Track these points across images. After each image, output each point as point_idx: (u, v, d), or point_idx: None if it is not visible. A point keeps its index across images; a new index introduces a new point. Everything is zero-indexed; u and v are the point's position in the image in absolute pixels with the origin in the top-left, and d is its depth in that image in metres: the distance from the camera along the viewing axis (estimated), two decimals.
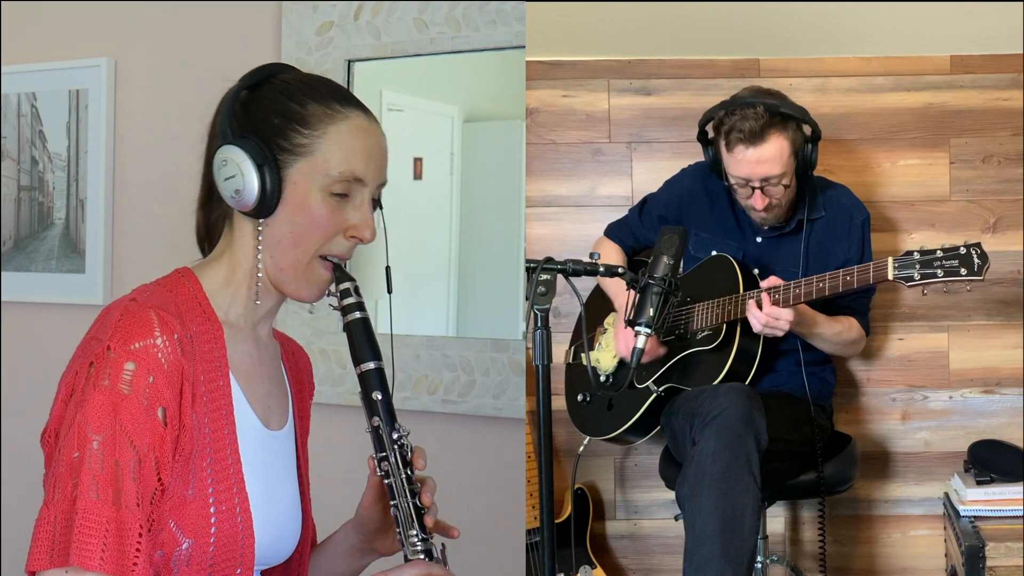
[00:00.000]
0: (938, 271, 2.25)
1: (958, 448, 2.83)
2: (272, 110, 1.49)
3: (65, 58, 3.03)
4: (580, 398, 2.70)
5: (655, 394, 2.54)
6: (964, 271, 2.23)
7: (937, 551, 2.86)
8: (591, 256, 1.98)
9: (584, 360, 2.69)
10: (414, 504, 1.53)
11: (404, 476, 1.53)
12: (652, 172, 2.92)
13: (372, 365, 1.54)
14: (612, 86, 2.99)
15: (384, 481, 1.54)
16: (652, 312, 1.95)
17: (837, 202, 2.60)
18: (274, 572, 1.65)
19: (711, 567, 2.16)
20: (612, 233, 2.81)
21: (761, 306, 2.36)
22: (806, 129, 2.47)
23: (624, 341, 2.59)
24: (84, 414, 1.36)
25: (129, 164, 2.96)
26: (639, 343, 1.97)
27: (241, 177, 1.46)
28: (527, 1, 2.49)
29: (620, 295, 2.61)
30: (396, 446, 1.53)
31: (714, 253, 2.60)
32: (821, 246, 2.57)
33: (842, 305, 2.57)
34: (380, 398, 1.53)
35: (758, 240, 2.61)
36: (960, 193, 2.91)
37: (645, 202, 2.78)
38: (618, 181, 2.99)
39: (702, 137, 2.55)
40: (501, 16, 2.49)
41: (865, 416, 2.94)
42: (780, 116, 2.42)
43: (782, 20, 2.77)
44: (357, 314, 1.54)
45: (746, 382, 2.45)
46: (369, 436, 1.55)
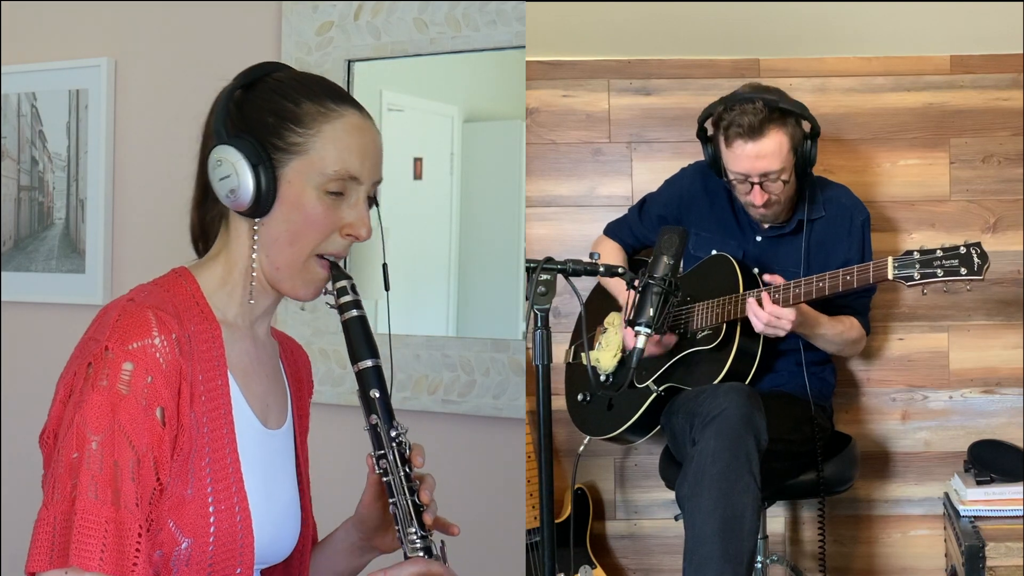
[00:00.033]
0: (938, 271, 2.25)
1: (958, 448, 2.83)
2: (266, 109, 1.49)
3: (65, 58, 3.03)
4: (580, 398, 2.70)
5: (655, 394, 2.54)
6: (964, 271, 2.23)
7: (937, 551, 2.86)
8: (591, 256, 1.98)
9: (584, 360, 2.68)
10: (413, 502, 1.53)
11: (402, 474, 1.53)
12: (652, 172, 2.92)
13: (370, 363, 1.53)
14: (612, 86, 2.99)
15: (383, 479, 1.54)
16: (652, 312, 1.95)
17: (837, 202, 2.60)
18: (275, 571, 1.64)
19: (711, 567, 2.16)
20: (612, 232, 2.81)
21: (762, 304, 2.36)
22: (805, 125, 2.47)
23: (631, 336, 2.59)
24: (83, 415, 1.36)
25: (129, 164, 2.96)
26: (639, 343, 1.97)
27: (236, 177, 1.45)
28: (527, 1, 2.49)
29: (623, 292, 2.61)
30: (394, 444, 1.53)
31: (714, 252, 2.60)
32: (821, 246, 2.56)
33: (842, 305, 2.57)
34: (378, 396, 1.53)
35: (758, 239, 2.61)
36: (960, 193, 2.91)
37: (645, 201, 2.77)
38: (618, 181, 2.99)
39: (701, 134, 2.55)
40: (501, 16, 2.49)
41: (865, 416, 2.94)
42: (779, 111, 2.42)
43: (782, 20, 2.77)
44: (354, 312, 1.53)
45: (746, 382, 2.45)
46: (368, 435, 1.55)
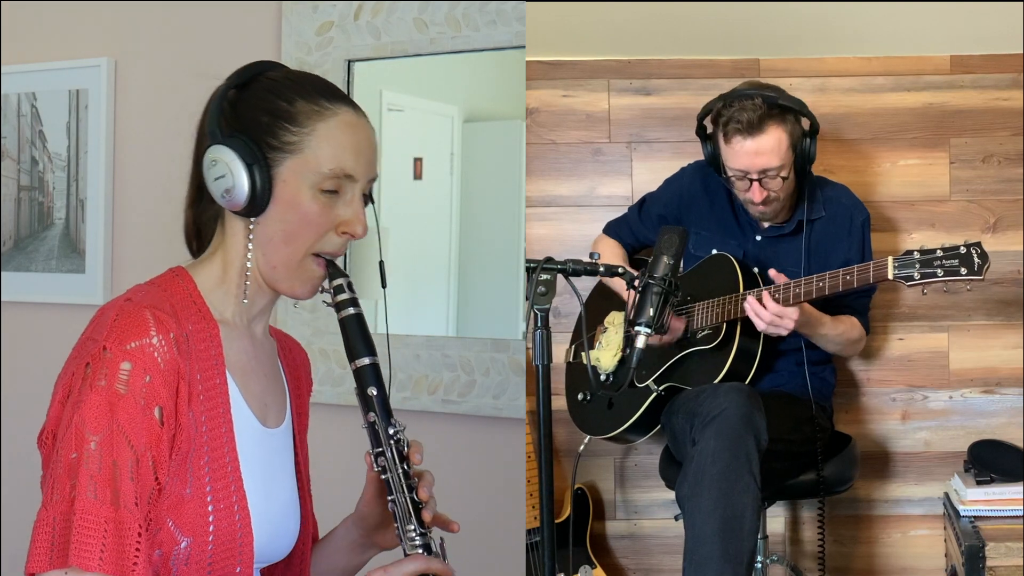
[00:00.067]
0: (938, 271, 2.24)
1: (958, 448, 2.83)
2: (260, 108, 1.48)
3: (65, 58, 3.03)
4: (580, 397, 2.70)
5: (655, 393, 2.54)
6: (964, 270, 2.23)
7: (937, 551, 2.86)
8: (591, 256, 1.98)
9: (584, 359, 2.68)
10: (411, 499, 1.53)
11: (401, 471, 1.53)
12: (652, 172, 2.92)
13: (367, 361, 1.53)
14: (612, 86, 2.99)
15: (381, 477, 1.54)
16: (652, 312, 1.95)
17: (837, 202, 2.60)
18: (276, 569, 1.64)
19: (711, 567, 2.16)
20: (611, 231, 2.81)
21: (764, 303, 2.36)
22: (804, 123, 2.47)
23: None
24: (81, 415, 1.36)
25: (129, 164, 2.96)
26: (639, 343, 1.97)
27: (231, 177, 1.45)
28: (527, 1, 2.49)
29: (624, 289, 2.61)
30: (392, 441, 1.53)
31: (714, 252, 2.60)
32: (821, 246, 2.56)
33: (843, 305, 2.56)
34: (375, 394, 1.53)
35: (758, 239, 2.61)
36: (960, 193, 2.91)
37: (644, 201, 2.77)
38: (618, 181, 2.99)
39: (700, 131, 2.55)
40: (501, 16, 2.49)
41: (865, 416, 2.94)
42: (778, 108, 2.42)
43: (782, 20, 2.77)
44: (351, 310, 1.53)
45: (746, 381, 2.45)
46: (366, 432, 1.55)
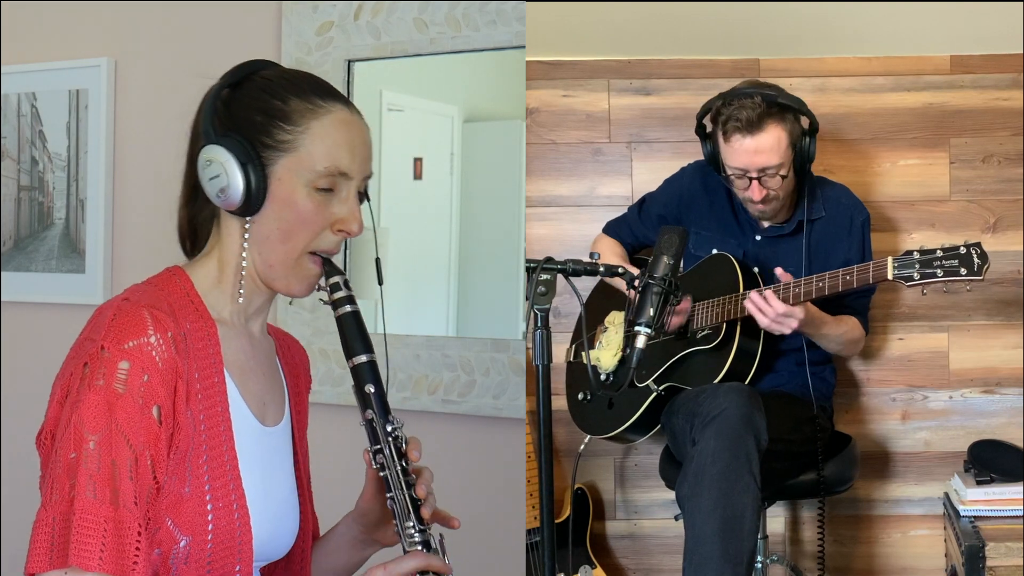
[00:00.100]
0: (938, 271, 2.24)
1: (958, 448, 2.83)
2: (254, 107, 1.49)
3: (65, 58, 3.03)
4: (581, 397, 2.70)
5: (655, 393, 2.54)
6: (964, 271, 2.23)
7: (937, 551, 2.86)
8: (591, 256, 1.97)
9: (584, 359, 2.68)
10: (410, 496, 1.53)
11: (399, 468, 1.53)
12: (652, 172, 2.92)
13: (364, 358, 1.53)
14: (612, 86, 2.99)
15: (380, 474, 1.54)
16: (652, 312, 1.95)
17: (837, 202, 2.60)
18: (276, 567, 1.65)
19: (711, 567, 2.16)
20: (611, 231, 2.81)
21: (770, 302, 2.35)
22: (804, 121, 2.47)
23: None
24: (80, 414, 1.36)
25: (129, 164, 2.96)
26: (639, 343, 1.97)
27: (226, 176, 1.45)
28: (527, 1, 2.49)
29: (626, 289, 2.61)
30: (390, 438, 1.53)
31: (714, 252, 2.60)
32: (821, 246, 2.56)
33: (843, 305, 2.56)
34: (373, 391, 1.53)
35: (758, 239, 2.61)
36: (960, 193, 2.91)
37: (644, 201, 2.77)
38: (618, 181, 2.99)
39: (700, 130, 2.55)
40: (501, 16, 2.49)
41: (865, 416, 2.94)
42: (778, 106, 2.41)
43: (782, 20, 2.77)
44: (348, 307, 1.53)
45: (746, 381, 2.45)
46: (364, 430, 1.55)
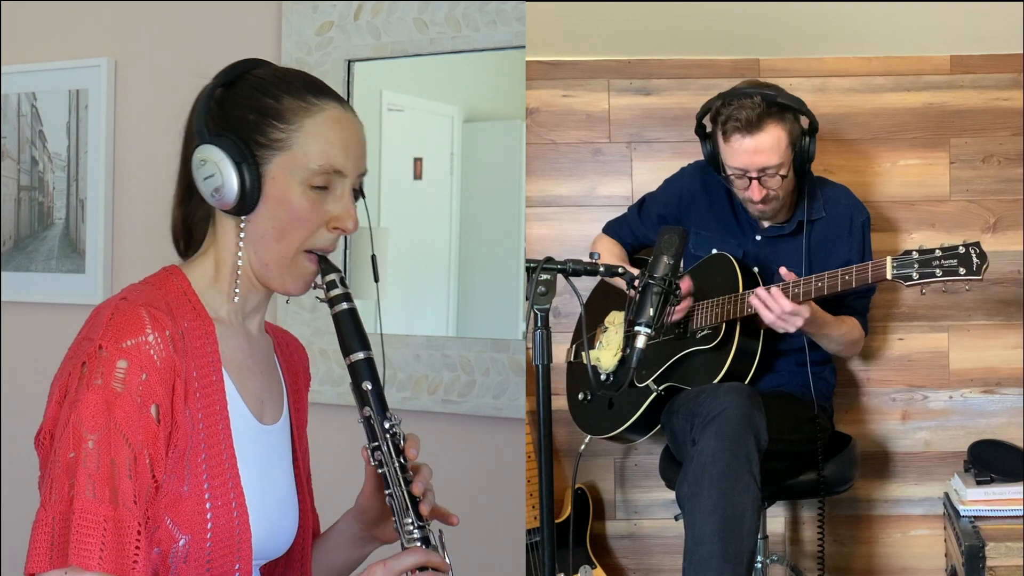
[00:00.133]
0: (936, 270, 2.24)
1: (958, 448, 2.83)
2: (247, 106, 1.49)
3: (65, 58, 3.03)
4: (581, 397, 2.70)
5: (655, 393, 2.54)
6: (963, 270, 2.23)
7: (937, 551, 2.86)
8: (591, 256, 1.98)
9: (585, 359, 2.68)
10: (409, 492, 1.53)
11: (397, 465, 1.53)
12: (652, 172, 2.92)
13: (361, 355, 1.53)
14: (612, 86, 2.99)
15: (378, 471, 1.54)
16: (652, 312, 1.95)
17: (837, 203, 2.60)
18: (276, 565, 1.65)
19: (711, 567, 2.16)
20: (611, 230, 2.81)
21: (777, 300, 2.35)
22: (804, 121, 2.47)
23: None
24: (78, 414, 1.36)
25: (129, 164, 2.96)
26: (639, 343, 1.97)
27: (220, 176, 1.46)
28: (527, 1, 2.49)
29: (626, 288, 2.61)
30: (388, 435, 1.53)
31: (714, 251, 2.60)
32: (822, 247, 2.56)
33: (843, 305, 2.56)
34: (370, 388, 1.53)
35: (758, 239, 2.61)
36: (960, 193, 2.91)
37: (644, 201, 2.77)
38: (618, 181, 2.99)
39: (700, 130, 2.55)
40: (501, 16, 2.49)
41: (865, 416, 2.94)
42: (777, 106, 2.41)
43: (782, 20, 2.77)
44: (344, 305, 1.53)
45: (746, 381, 2.45)
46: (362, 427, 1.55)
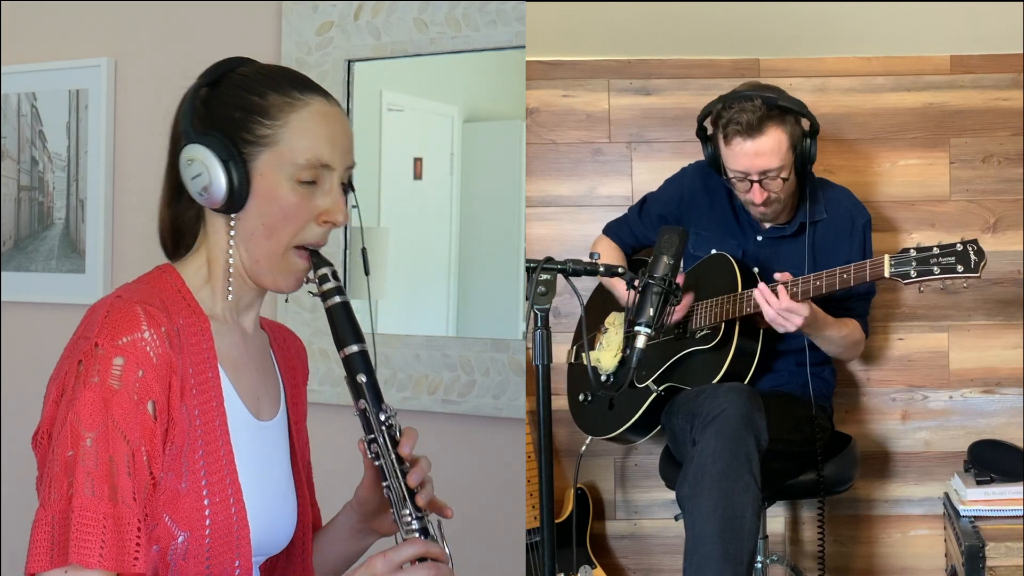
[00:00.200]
0: (934, 268, 2.24)
1: (958, 448, 2.83)
2: (232, 104, 1.49)
3: (65, 58, 3.03)
4: (582, 398, 2.70)
5: (655, 393, 2.54)
6: (961, 268, 2.22)
7: (937, 551, 2.86)
8: (591, 256, 1.98)
9: (584, 360, 2.68)
10: (406, 484, 1.53)
11: (393, 457, 1.53)
12: (652, 172, 2.92)
13: (355, 348, 1.53)
14: (612, 86, 2.99)
15: (375, 463, 1.54)
16: (652, 312, 1.95)
17: (838, 204, 2.60)
18: (277, 561, 1.65)
19: (711, 567, 2.16)
20: (611, 232, 2.81)
21: (778, 295, 2.35)
22: (804, 123, 2.47)
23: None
24: (76, 412, 1.36)
25: (129, 164, 2.96)
26: (639, 343, 1.97)
27: (208, 174, 1.46)
28: (527, 1, 2.49)
29: (624, 291, 2.61)
30: (384, 427, 1.53)
31: (714, 252, 2.60)
32: (823, 248, 2.56)
33: (844, 308, 2.56)
34: (365, 380, 1.53)
35: (758, 239, 2.61)
36: (960, 193, 2.91)
37: (645, 201, 2.77)
38: (618, 181, 2.99)
39: (701, 133, 2.55)
40: (501, 16, 2.49)
41: (865, 416, 2.94)
42: (778, 109, 2.41)
43: (782, 20, 2.77)
44: (337, 298, 1.53)
45: (745, 381, 2.45)
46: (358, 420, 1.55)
